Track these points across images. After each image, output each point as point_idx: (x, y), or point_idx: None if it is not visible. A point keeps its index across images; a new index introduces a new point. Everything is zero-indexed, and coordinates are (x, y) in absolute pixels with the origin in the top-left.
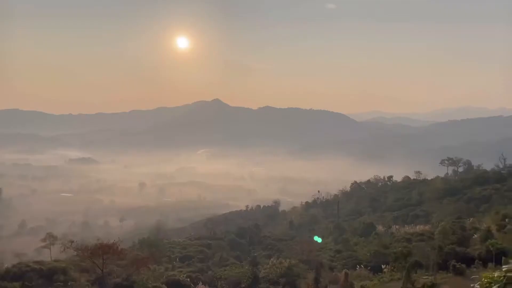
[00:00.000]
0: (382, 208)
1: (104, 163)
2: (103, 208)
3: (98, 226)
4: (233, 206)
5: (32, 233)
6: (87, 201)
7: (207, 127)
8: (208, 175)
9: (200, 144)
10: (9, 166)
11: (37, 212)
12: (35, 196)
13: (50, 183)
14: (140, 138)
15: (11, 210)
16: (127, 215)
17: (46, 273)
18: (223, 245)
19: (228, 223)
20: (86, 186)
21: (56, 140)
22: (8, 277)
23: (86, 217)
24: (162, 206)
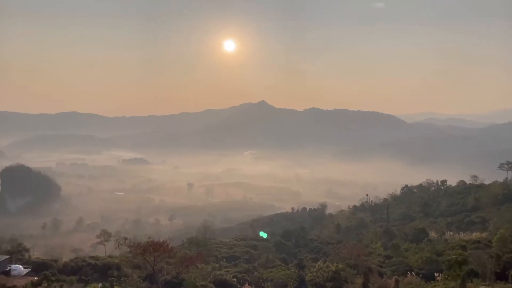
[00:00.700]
0: (435, 214)
1: (154, 164)
2: (153, 207)
3: (149, 224)
4: (278, 208)
5: (88, 229)
6: (139, 200)
7: (253, 129)
8: (253, 177)
9: (246, 145)
10: (68, 166)
11: (93, 210)
12: (91, 194)
13: (105, 182)
14: (188, 139)
15: (70, 207)
16: (176, 214)
17: (101, 268)
18: (269, 247)
19: (273, 225)
20: (138, 186)
21: (110, 141)
22: (66, 271)
23: (138, 215)
24: (209, 206)
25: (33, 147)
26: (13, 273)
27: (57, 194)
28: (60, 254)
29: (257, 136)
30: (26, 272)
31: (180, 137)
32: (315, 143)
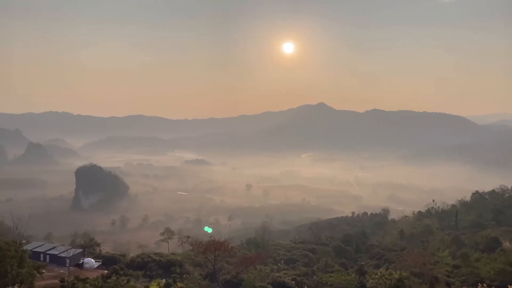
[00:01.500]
0: (509, 222)
1: (215, 165)
2: (214, 207)
3: (209, 224)
4: (338, 211)
5: (153, 227)
6: (200, 199)
7: (312, 131)
8: (312, 179)
9: (304, 148)
10: (135, 166)
11: (157, 208)
12: (156, 193)
13: (169, 182)
14: (247, 141)
15: (136, 205)
16: (234, 215)
17: (165, 264)
18: (328, 251)
19: (333, 229)
20: (199, 186)
21: (174, 143)
22: (133, 266)
23: (199, 215)
24: (267, 207)
25: (104, 148)
26: (86, 266)
27: (125, 193)
28: (127, 249)
29: (316, 138)
30: (97, 266)
31: (239, 139)
32: (377, 145)
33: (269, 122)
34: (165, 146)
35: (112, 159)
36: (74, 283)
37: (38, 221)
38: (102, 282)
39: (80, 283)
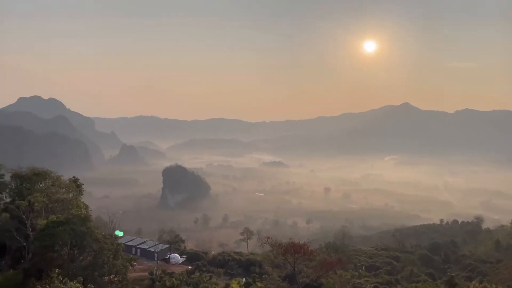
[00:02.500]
0: None
1: (292, 167)
2: (291, 209)
3: (287, 225)
4: (424, 218)
5: (233, 226)
6: (277, 201)
7: (395, 133)
8: (395, 183)
9: (387, 150)
10: (216, 167)
11: (237, 208)
12: (235, 194)
13: (247, 183)
14: (325, 143)
15: (217, 205)
16: (313, 218)
17: (244, 264)
18: (413, 260)
19: (418, 236)
20: (277, 187)
21: (252, 145)
22: (214, 263)
23: (277, 216)
24: (346, 211)
25: (188, 149)
26: (172, 261)
27: (206, 192)
28: (209, 247)
29: (400, 140)
30: (182, 261)
31: (317, 141)
32: (469, 148)
33: (348, 124)
34: (244, 148)
35: (195, 160)
36: (162, 277)
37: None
38: (187, 277)
39: (167, 277)
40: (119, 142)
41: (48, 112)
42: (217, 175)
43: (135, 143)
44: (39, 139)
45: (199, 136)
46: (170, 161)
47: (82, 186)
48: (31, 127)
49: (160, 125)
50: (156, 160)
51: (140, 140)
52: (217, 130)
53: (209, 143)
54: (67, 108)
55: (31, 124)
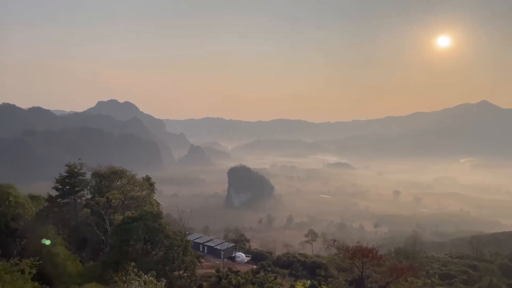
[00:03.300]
0: None
1: (359, 168)
2: (358, 212)
3: (353, 229)
4: (505, 225)
5: (297, 227)
6: (343, 203)
7: (472, 133)
8: (472, 187)
9: (462, 152)
10: (279, 167)
11: (301, 209)
12: (299, 195)
13: (311, 184)
14: (394, 144)
15: (281, 205)
16: (381, 221)
17: (309, 266)
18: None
19: (498, 244)
20: (342, 189)
21: (316, 146)
22: (279, 264)
23: (342, 219)
24: (417, 216)
25: (252, 150)
26: (237, 259)
27: (270, 193)
28: (274, 247)
29: (477, 141)
30: (247, 260)
31: (385, 141)
32: None
33: (419, 124)
34: (308, 148)
35: (260, 160)
36: (228, 275)
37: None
38: (252, 276)
39: (233, 275)
40: (187, 143)
41: (124, 114)
42: (281, 176)
43: (202, 143)
44: (116, 139)
45: (263, 137)
46: (235, 161)
47: (154, 184)
48: (109, 129)
49: (226, 126)
50: (222, 160)
51: (207, 141)
52: (281, 131)
53: (273, 144)
54: (140, 110)
55: (108, 126)
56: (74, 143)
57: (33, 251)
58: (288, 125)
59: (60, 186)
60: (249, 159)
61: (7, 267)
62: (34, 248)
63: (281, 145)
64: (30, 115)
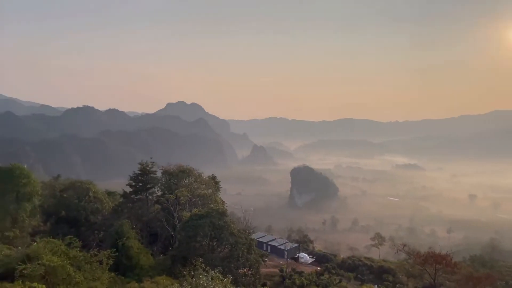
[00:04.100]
0: None
1: (429, 170)
2: (428, 216)
3: (424, 234)
4: None
5: (362, 230)
6: (412, 207)
7: None
8: None
9: None
10: (344, 168)
11: (367, 212)
12: (365, 197)
13: (378, 186)
14: (470, 145)
15: (346, 207)
16: (454, 227)
17: (376, 270)
18: None
19: None
20: (412, 192)
21: (383, 146)
22: (344, 267)
23: (412, 223)
24: (496, 222)
25: (315, 150)
26: (301, 260)
27: (334, 194)
28: (338, 250)
29: None
30: (311, 261)
31: (459, 142)
32: None
33: (499, 123)
34: (374, 149)
35: (323, 161)
36: (291, 275)
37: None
38: (316, 278)
39: (297, 276)
40: (251, 143)
41: (191, 115)
42: (345, 177)
43: (265, 143)
44: (183, 139)
45: (327, 137)
46: (298, 161)
47: (219, 183)
48: (177, 129)
49: (289, 126)
50: (285, 160)
51: (270, 140)
52: (346, 131)
53: (337, 144)
54: (206, 111)
55: (176, 126)
56: (146, 143)
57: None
58: (353, 124)
59: (134, 183)
60: (312, 159)
61: (88, 257)
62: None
63: (345, 145)
64: (106, 116)
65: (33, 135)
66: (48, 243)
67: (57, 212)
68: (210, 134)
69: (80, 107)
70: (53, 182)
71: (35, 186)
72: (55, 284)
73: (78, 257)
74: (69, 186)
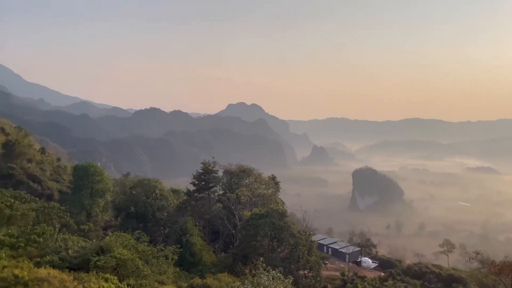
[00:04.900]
0: None
1: (506, 174)
2: (504, 223)
3: (498, 242)
4: None
5: (430, 236)
6: (485, 213)
7: None
8: None
9: None
10: (410, 170)
11: (434, 217)
12: (433, 201)
13: (447, 190)
14: None
15: (411, 211)
16: None
17: (445, 279)
18: None
19: None
20: (485, 197)
21: (453, 147)
22: (409, 273)
23: (484, 230)
24: None
25: (379, 151)
26: (363, 264)
27: (399, 197)
28: (403, 255)
29: None
30: (374, 266)
31: None
32: None
33: None
34: (443, 151)
35: (387, 163)
36: (353, 279)
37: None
38: (379, 284)
39: (359, 280)
40: (310, 143)
41: (251, 116)
42: (411, 180)
43: (325, 144)
44: (243, 140)
45: (391, 138)
46: (359, 163)
47: (279, 183)
48: (237, 130)
49: (350, 127)
50: (345, 161)
51: (330, 141)
52: (412, 131)
53: (402, 145)
54: (266, 112)
55: (237, 127)
56: (207, 143)
57: (174, 239)
58: (420, 124)
59: (197, 182)
60: (375, 161)
61: (155, 252)
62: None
63: (411, 146)
64: (171, 117)
65: (105, 135)
66: (119, 237)
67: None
68: (270, 135)
69: (147, 109)
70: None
71: (107, 183)
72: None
73: (146, 251)
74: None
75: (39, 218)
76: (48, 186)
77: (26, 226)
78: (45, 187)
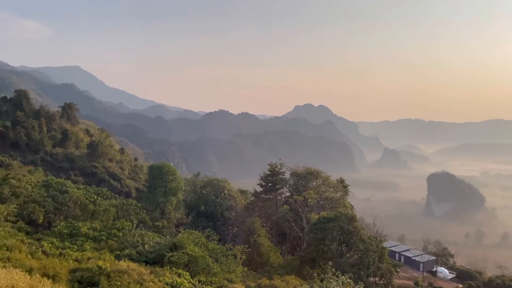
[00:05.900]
0: None
1: None
2: None
3: None
4: None
5: None
6: None
7: None
8: None
9: None
10: (493, 176)
11: None
12: None
13: None
14: None
15: (494, 220)
16: None
17: None
18: None
19: None
20: None
21: None
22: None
23: None
24: None
25: (457, 155)
26: (439, 274)
27: (480, 204)
28: (483, 267)
29: None
30: (451, 277)
31: None
32: None
33: None
34: None
35: (466, 167)
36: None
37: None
38: None
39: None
40: (381, 146)
41: (318, 117)
42: (494, 186)
43: (397, 147)
44: (310, 141)
45: (472, 140)
46: (435, 166)
47: (347, 187)
48: (304, 131)
49: (425, 128)
50: (420, 165)
51: (403, 144)
52: (495, 134)
53: (484, 149)
54: (333, 113)
55: (304, 129)
56: (275, 144)
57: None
58: (505, 126)
59: (264, 183)
60: (452, 165)
61: (224, 250)
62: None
63: (495, 150)
64: (239, 119)
65: (178, 137)
66: (190, 235)
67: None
68: (338, 137)
69: (216, 111)
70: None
71: (180, 182)
72: (196, 273)
73: (215, 249)
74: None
75: (118, 214)
76: (126, 184)
77: (107, 221)
78: (124, 185)
